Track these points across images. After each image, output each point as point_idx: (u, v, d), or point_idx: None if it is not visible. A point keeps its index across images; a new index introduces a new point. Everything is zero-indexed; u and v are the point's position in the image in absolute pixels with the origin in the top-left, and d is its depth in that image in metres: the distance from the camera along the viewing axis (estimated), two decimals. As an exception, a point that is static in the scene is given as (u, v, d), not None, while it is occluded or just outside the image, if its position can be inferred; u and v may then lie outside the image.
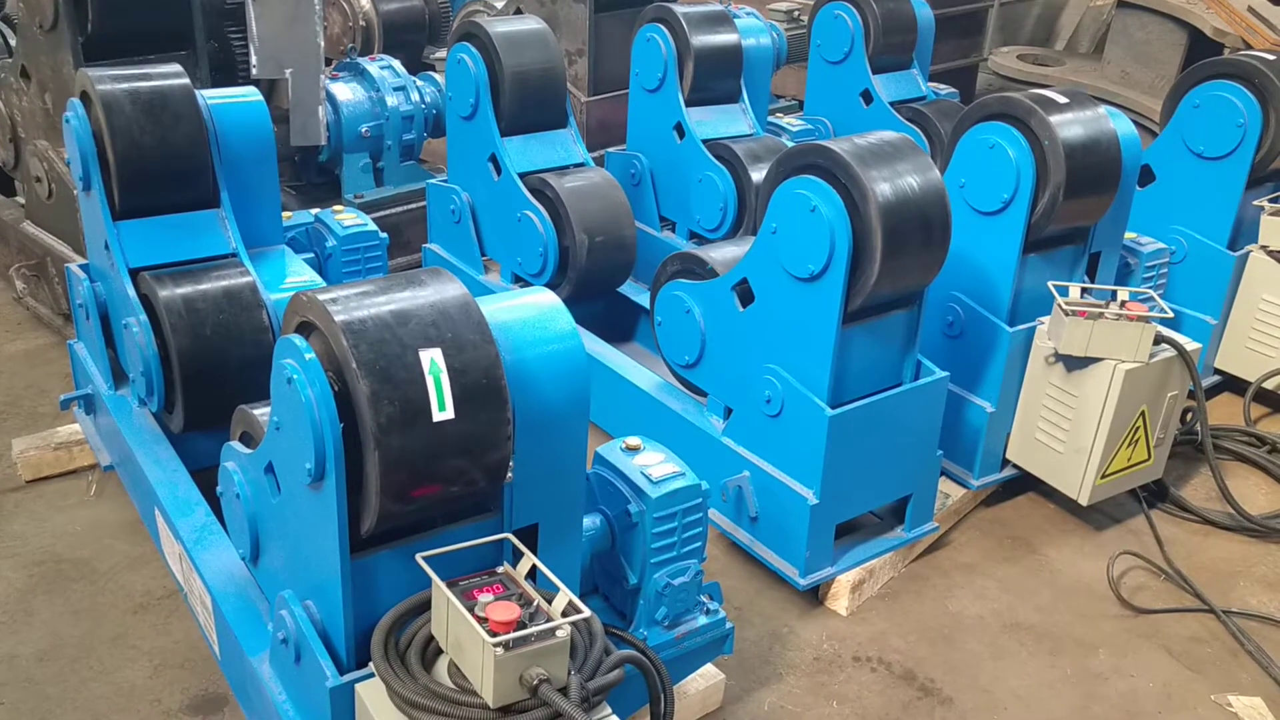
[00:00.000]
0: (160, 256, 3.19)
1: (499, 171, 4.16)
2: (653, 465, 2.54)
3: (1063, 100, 3.38)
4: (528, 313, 2.25)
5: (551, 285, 4.10)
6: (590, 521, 2.52)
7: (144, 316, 3.06)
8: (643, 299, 4.28)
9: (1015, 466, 3.62)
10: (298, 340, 2.03)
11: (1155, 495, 3.68)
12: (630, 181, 4.82)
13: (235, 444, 2.50)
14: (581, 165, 4.26)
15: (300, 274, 3.40)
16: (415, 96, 5.05)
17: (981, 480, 3.59)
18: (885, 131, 3.09)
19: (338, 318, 1.95)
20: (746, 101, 4.79)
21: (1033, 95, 3.40)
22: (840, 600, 3.17)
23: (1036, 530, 3.58)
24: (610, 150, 4.99)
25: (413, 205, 5.07)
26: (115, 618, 3.04)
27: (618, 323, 4.43)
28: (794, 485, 3.08)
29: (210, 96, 3.37)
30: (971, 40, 7.45)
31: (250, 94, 3.46)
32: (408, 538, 2.14)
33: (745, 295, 3.19)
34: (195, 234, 3.28)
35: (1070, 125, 3.32)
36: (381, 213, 5.00)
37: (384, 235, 3.80)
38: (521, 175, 4.11)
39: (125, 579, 3.20)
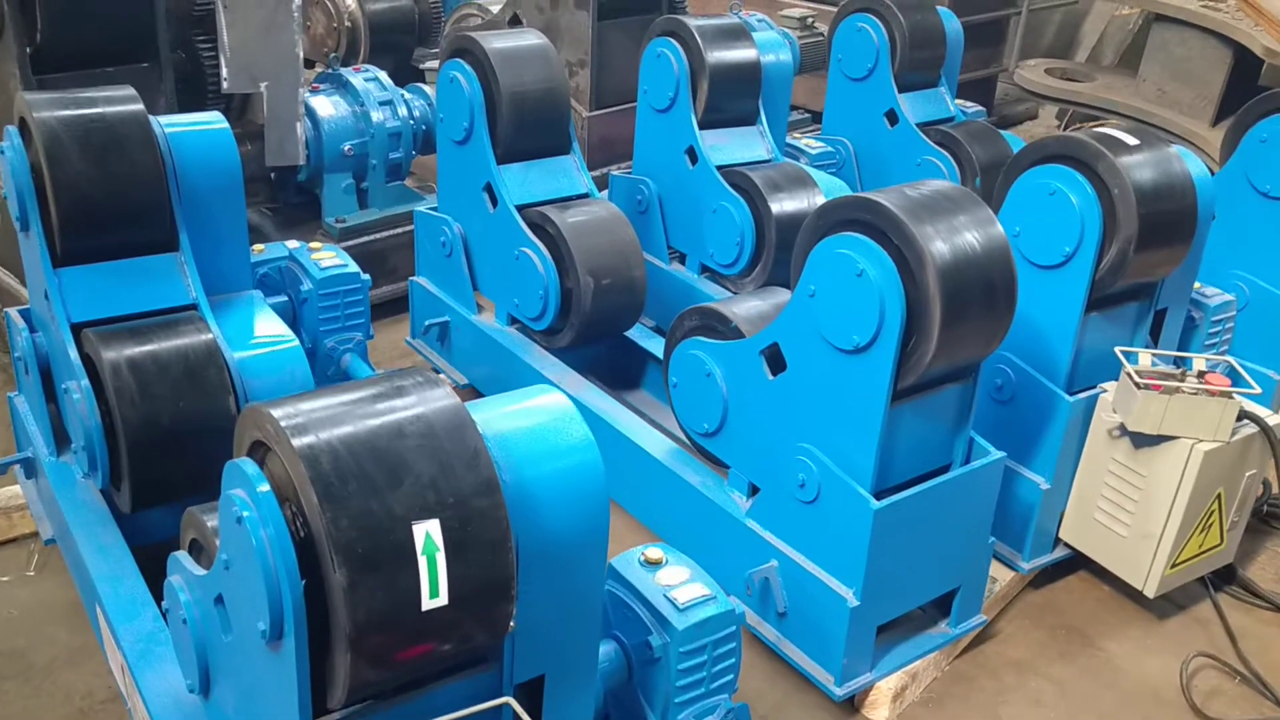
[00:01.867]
0: (107, 309, 2.79)
1: (495, 203, 3.75)
2: (678, 586, 2.16)
3: (1132, 141, 3.00)
4: (534, 420, 1.86)
5: (552, 330, 3.71)
6: (603, 650, 2.13)
7: (86, 381, 2.66)
8: (651, 344, 3.89)
9: (1068, 546, 3.25)
10: (248, 467, 1.64)
11: (1221, 577, 3.31)
12: (636, 209, 4.43)
13: (183, 556, 2.09)
14: (585, 197, 3.87)
15: (271, 327, 3.00)
16: (403, 111, 4.64)
17: (1033, 563, 3.21)
18: (937, 181, 2.71)
19: (310, 474, 1.53)
20: (764, 123, 4.39)
21: (1098, 135, 3.01)
22: (880, 710, 2.80)
23: (1092, 619, 3.20)
24: (615, 172, 4.59)
25: (399, 230, 4.67)
26: (50, 729, 2.65)
27: (623, 367, 4.04)
28: (831, 582, 2.70)
29: (168, 124, 2.97)
30: (992, 50, 7.06)
31: (214, 120, 3.06)
32: (387, 700, 1.75)
33: (776, 361, 2.80)
34: (149, 282, 2.88)
35: (1141, 169, 2.94)
36: (365, 238, 4.62)
37: (366, 277, 3.40)
38: (520, 208, 3.71)
39: (64, 677, 2.81)
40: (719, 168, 4.17)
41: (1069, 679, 2.99)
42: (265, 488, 1.60)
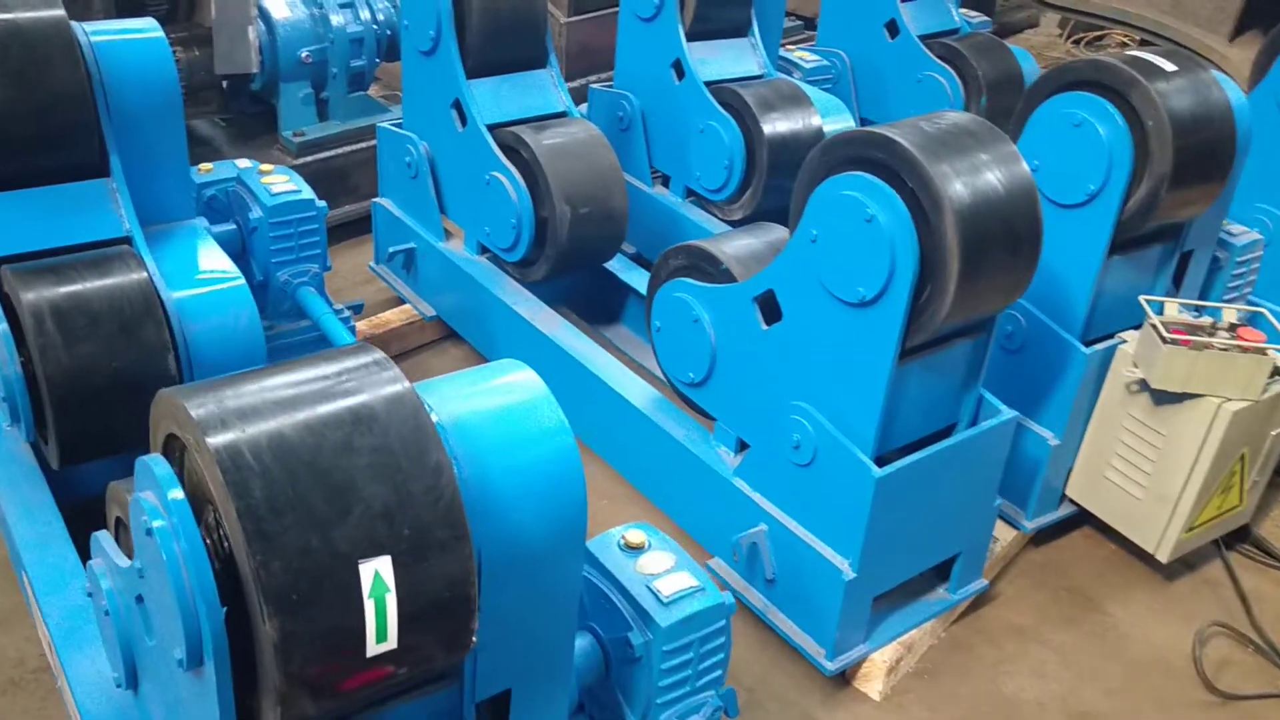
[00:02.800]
0: (29, 242, 2.52)
1: (464, 121, 3.44)
2: (661, 575, 1.91)
3: (1169, 66, 2.72)
4: (500, 402, 1.61)
5: (525, 261, 3.44)
6: (579, 645, 1.90)
7: (4, 325, 2.39)
8: (631, 276, 3.62)
9: (1074, 504, 3.05)
10: (159, 468, 1.38)
11: (1233, 535, 3.13)
12: (617, 126, 4.11)
13: (105, 538, 1.84)
14: (563, 115, 3.55)
15: (214, 261, 2.71)
16: (365, 14, 4.27)
17: (1036, 522, 3.02)
18: (953, 112, 2.44)
19: (238, 506, 1.26)
20: (757, 35, 4.06)
21: (1131, 60, 2.73)
22: (874, 683, 2.61)
23: (1097, 579, 3.02)
24: (594, 85, 4.25)
25: (362, 145, 4.34)
26: (-23, 703, 2.43)
27: (601, 300, 3.78)
28: (825, 552, 2.49)
29: (94, 31, 2.64)
30: (994, -48, 6.66)
31: (147, 28, 2.73)
32: (331, 724, 1.53)
33: (770, 309, 2.55)
34: (76, 212, 2.59)
35: (1179, 97, 2.67)
36: (325, 154, 4.30)
37: (321, 204, 3.09)
38: (491, 128, 3.40)
39: (-6, 643, 2.59)
40: (707, 84, 3.85)
41: (1072, 647, 2.81)
42: (178, 494, 1.35)
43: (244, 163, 3.32)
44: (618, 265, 3.64)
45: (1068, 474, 3.01)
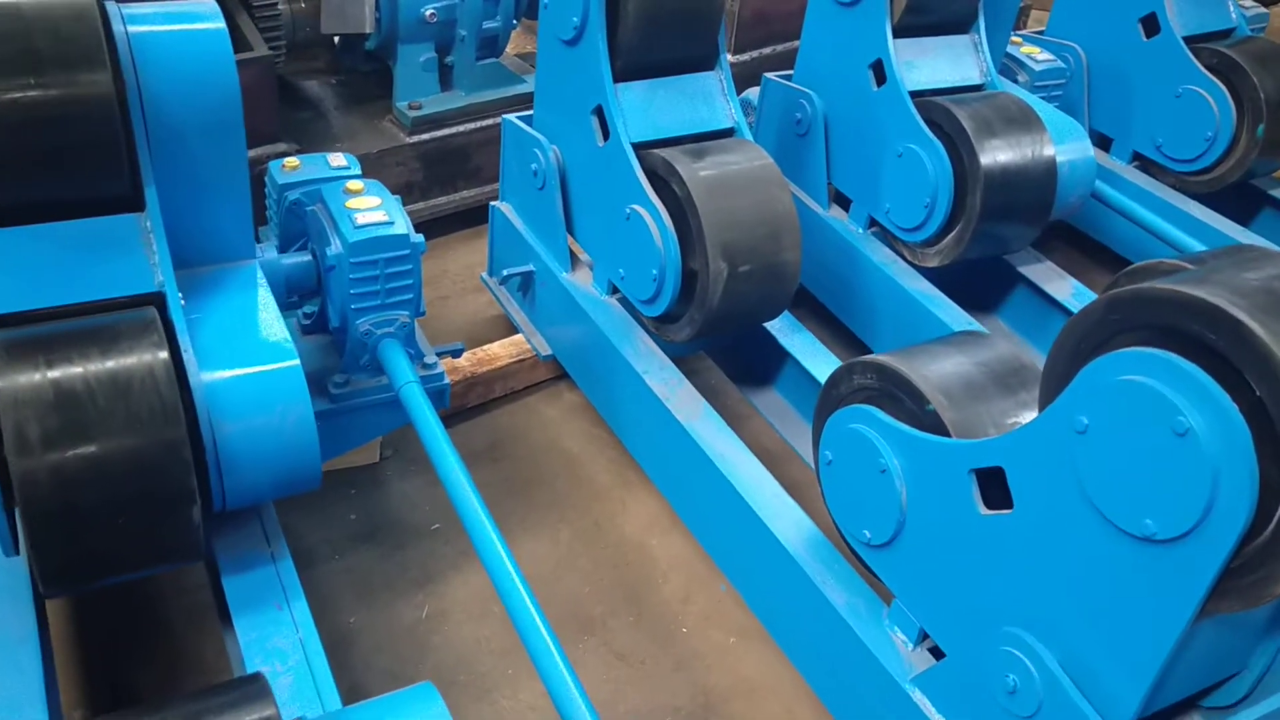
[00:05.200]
0: (28, 299, 1.94)
1: (606, 134, 2.74)
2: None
3: None
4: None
5: (668, 318, 2.76)
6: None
7: (-17, 414, 1.84)
8: (794, 342, 2.90)
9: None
10: None
11: None
12: (793, 130, 3.36)
13: None
14: (729, 133, 2.82)
15: (267, 326, 2.11)
16: (504, -32, 3.58)
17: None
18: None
19: None
20: (983, 33, 3.23)
21: None
22: None
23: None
24: (770, 75, 3.48)
25: (488, 121, 3.69)
26: None
27: (753, 354, 3.07)
28: (1035, 838, 1.80)
29: (132, 15, 2.03)
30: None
31: (204, 13, 2.10)
32: None
33: (995, 489, 1.83)
34: (95, 259, 2.01)
35: None
36: (444, 130, 3.65)
37: (418, 239, 2.44)
38: (639, 146, 2.70)
39: None
40: (913, 94, 3.07)
41: None
42: None
43: (338, 159, 2.72)
44: (780, 325, 2.92)
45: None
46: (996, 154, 2.95)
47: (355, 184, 2.51)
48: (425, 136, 3.58)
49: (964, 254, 3.06)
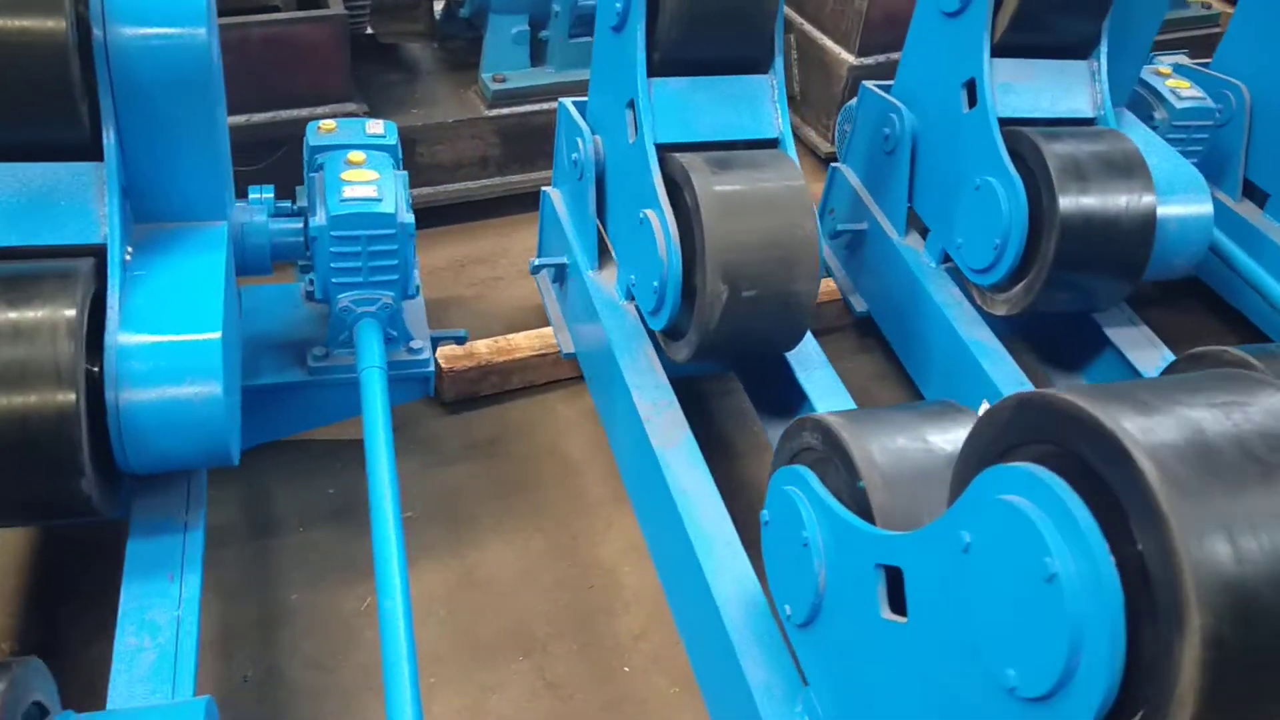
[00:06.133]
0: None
1: (635, 130, 2.57)
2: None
3: None
4: None
5: (671, 333, 2.58)
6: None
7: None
8: (811, 378, 2.66)
9: None
10: None
11: None
12: (881, 145, 3.09)
13: None
14: (771, 144, 2.60)
15: (206, 297, 2.05)
16: (609, -58, 3.42)
17: None
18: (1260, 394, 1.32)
19: None
20: (1103, 59, 2.86)
21: None
22: None
23: None
24: (868, 84, 3.21)
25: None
26: None
27: (776, 385, 2.83)
28: None
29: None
30: None
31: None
32: None
33: (897, 592, 1.58)
34: (44, 204, 2.01)
35: None
36: (525, 107, 3.55)
37: (407, 219, 2.36)
38: (663, 148, 2.52)
39: None
40: (1004, 121, 2.75)
41: None
42: None
43: (375, 126, 2.67)
44: (800, 357, 2.68)
45: None
46: (1080, 198, 2.60)
47: (357, 155, 2.44)
48: (505, 111, 3.50)
49: (1034, 305, 2.72)
